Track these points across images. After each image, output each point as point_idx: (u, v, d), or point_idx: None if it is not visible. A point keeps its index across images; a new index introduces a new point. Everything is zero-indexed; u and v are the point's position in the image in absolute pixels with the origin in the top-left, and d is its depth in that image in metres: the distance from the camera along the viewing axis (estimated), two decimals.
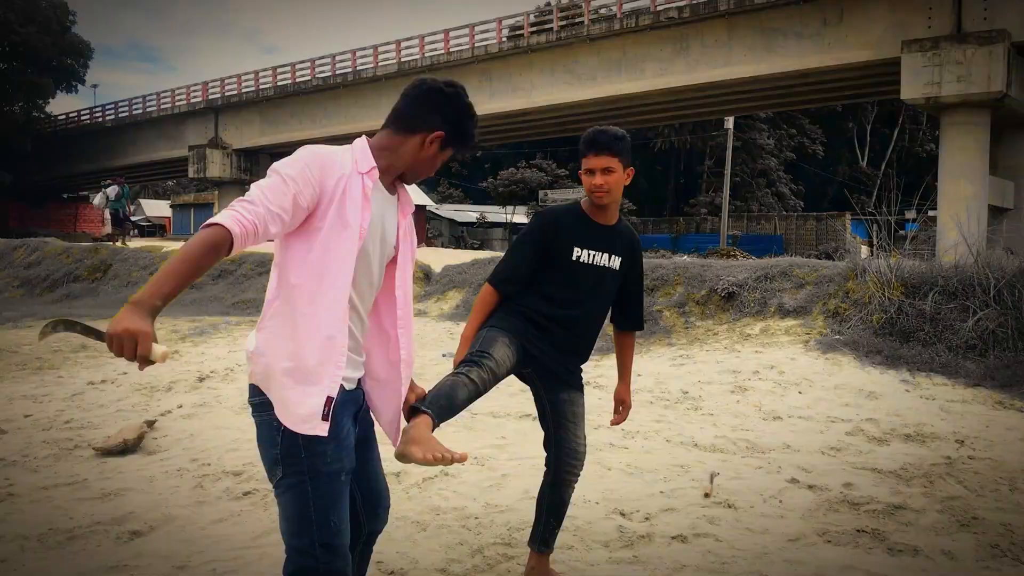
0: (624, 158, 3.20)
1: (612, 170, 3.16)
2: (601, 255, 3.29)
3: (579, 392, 3.41)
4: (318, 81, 39.50)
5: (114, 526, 4.31)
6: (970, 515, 4.37)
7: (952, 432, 6.09)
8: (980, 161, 22.71)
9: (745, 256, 21.65)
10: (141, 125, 49.34)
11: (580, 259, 3.26)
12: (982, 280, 8.51)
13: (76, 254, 20.31)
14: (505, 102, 33.21)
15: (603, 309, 3.44)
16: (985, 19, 22.26)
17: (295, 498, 2.35)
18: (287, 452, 2.34)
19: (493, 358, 3.07)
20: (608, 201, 3.24)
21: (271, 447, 2.38)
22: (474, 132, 2.60)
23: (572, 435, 3.37)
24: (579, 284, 3.28)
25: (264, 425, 2.39)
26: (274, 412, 2.34)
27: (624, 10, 30.42)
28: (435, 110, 2.48)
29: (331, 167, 2.32)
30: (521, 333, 3.22)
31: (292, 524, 2.37)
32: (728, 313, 9.94)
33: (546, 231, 3.29)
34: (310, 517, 2.35)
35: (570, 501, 3.51)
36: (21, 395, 7.76)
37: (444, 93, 2.50)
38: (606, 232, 3.32)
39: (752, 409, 6.86)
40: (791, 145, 56.13)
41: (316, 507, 2.35)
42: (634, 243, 3.44)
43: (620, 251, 3.35)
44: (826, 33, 25.44)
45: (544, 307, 3.26)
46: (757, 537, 4.12)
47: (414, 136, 2.48)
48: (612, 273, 3.34)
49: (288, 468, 2.35)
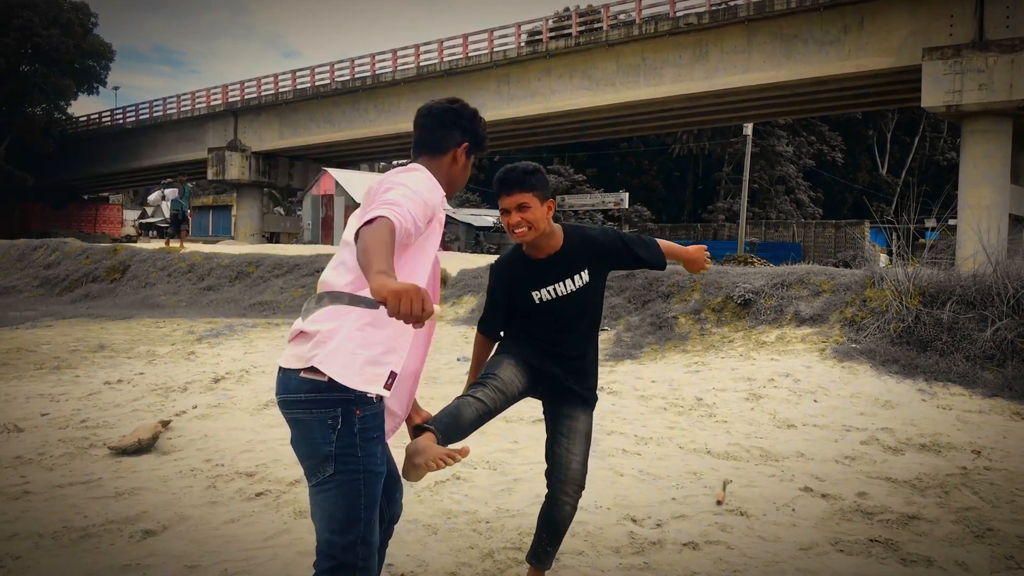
0: (539, 191, 3.10)
1: (527, 206, 3.06)
2: (561, 284, 3.22)
3: (582, 409, 3.34)
4: (337, 85, 39.70)
5: (127, 525, 4.34)
6: (985, 526, 4.33)
7: (968, 442, 6.04)
8: (1001, 170, 22.55)
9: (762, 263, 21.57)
10: (161, 127, 49.77)
11: (543, 299, 3.22)
12: (1001, 290, 8.43)
13: (95, 255, 20.47)
14: (523, 107, 33.27)
15: (594, 322, 3.37)
16: (1008, 27, 22.11)
17: (346, 495, 2.43)
18: (343, 450, 2.42)
19: (499, 377, 3.10)
20: (532, 237, 3.13)
21: (324, 444, 2.42)
22: (485, 132, 2.88)
23: (565, 449, 3.30)
24: (556, 319, 3.24)
25: (316, 422, 2.43)
26: (332, 410, 2.41)
27: (643, 16, 30.46)
28: (453, 126, 2.76)
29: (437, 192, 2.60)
30: (527, 356, 3.24)
31: (338, 521, 2.44)
32: (744, 320, 9.89)
33: (502, 283, 3.29)
34: (359, 515, 2.45)
35: (567, 524, 3.41)
36: (38, 394, 7.82)
37: (453, 110, 2.78)
38: (554, 261, 3.21)
39: (766, 417, 6.82)
40: (810, 152, 55.91)
41: (365, 505, 2.46)
42: (593, 242, 3.31)
43: (581, 265, 3.25)
44: (846, 40, 25.34)
45: (536, 345, 3.27)
46: (769, 545, 4.10)
47: (445, 156, 2.75)
48: (584, 289, 3.25)
49: (342, 465, 2.42)
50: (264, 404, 7.34)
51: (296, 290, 15.66)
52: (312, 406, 2.44)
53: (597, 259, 3.30)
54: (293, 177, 47.01)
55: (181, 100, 48.87)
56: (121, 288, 18.42)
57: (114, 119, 54.20)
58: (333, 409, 2.41)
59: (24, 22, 47.32)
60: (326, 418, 2.42)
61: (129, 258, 19.70)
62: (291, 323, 12.71)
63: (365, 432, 2.45)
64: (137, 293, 17.54)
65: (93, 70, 54.31)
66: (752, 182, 46.24)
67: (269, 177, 45.94)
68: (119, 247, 21.47)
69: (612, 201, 46.32)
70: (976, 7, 22.68)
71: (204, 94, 47.25)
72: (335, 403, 2.41)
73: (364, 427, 2.44)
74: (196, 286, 17.23)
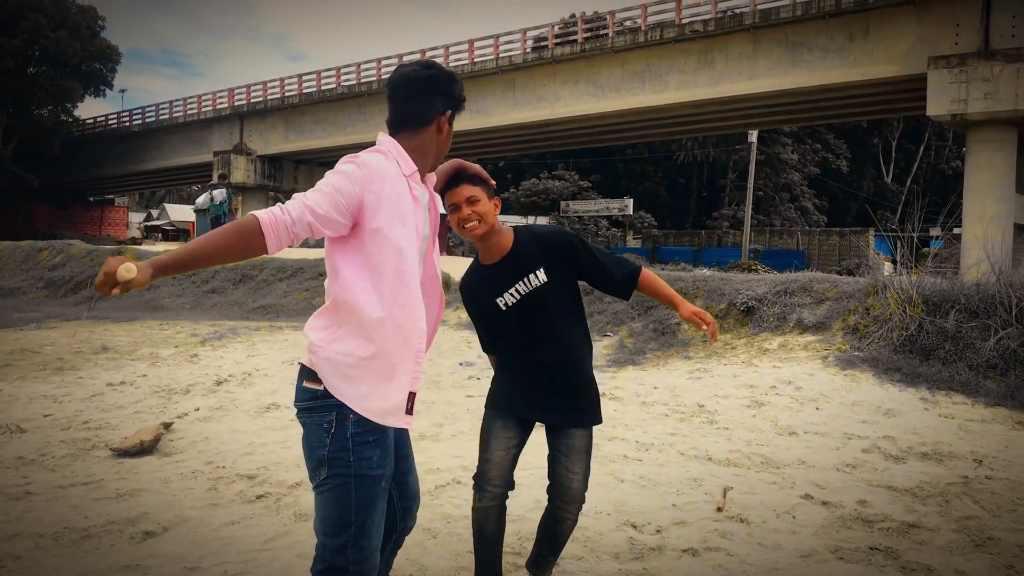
0: (486, 188, 3.06)
1: (476, 199, 3.01)
2: (521, 284, 3.17)
3: (579, 427, 3.31)
4: (343, 89, 39.79)
5: (128, 526, 4.35)
6: (986, 535, 4.32)
7: (970, 451, 6.03)
8: (1007, 179, 22.51)
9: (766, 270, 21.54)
10: (167, 130, 49.92)
11: (508, 304, 3.19)
12: (1004, 299, 8.42)
13: (100, 257, 20.52)
14: (528, 112, 33.30)
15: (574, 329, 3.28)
16: (1013, 36, 22.09)
17: (337, 498, 2.44)
18: (335, 454, 2.43)
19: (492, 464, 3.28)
20: (483, 231, 3.06)
21: (319, 448, 2.44)
22: (463, 93, 2.70)
23: (565, 468, 3.31)
24: (527, 321, 3.21)
25: (313, 426, 2.46)
26: (327, 415, 2.42)
27: (649, 23, 30.48)
28: (433, 94, 2.58)
29: (377, 174, 2.42)
30: (513, 403, 3.30)
31: (330, 523, 2.45)
32: (747, 327, 9.89)
33: (470, 299, 3.29)
34: (349, 518, 2.44)
35: (568, 536, 3.45)
36: (41, 395, 7.84)
37: (432, 76, 2.59)
38: (508, 262, 3.18)
39: (768, 424, 6.81)
40: (815, 160, 55.89)
41: (356, 508, 2.44)
42: (544, 240, 3.23)
43: (535, 264, 3.18)
44: (852, 48, 25.35)
45: (520, 359, 3.28)
46: (769, 552, 4.09)
47: (430, 127, 2.59)
48: (546, 286, 3.18)
49: (335, 469, 2.43)
50: (266, 407, 7.35)
51: (300, 293, 15.68)
52: (311, 412, 2.48)
53: (550, 258, 3.20)
54: (298, 181, 47.08)
55: (187, 103, 49.05)
56: None
57: (120, 121, 54.39)
58: (328, 413, 2.44)
59: (32, 24, 47.49)
60: (322, 422, 2.44)
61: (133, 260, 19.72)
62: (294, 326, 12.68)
63: (359, 436, 2.44)
64: (141, 295, 17.57)
65: (100, 73, 54.47)
66: (757, 189, 46.23)
67: (274, 180, 46.02)
68: (124, 249, 21.51)
69: (616, 207, 46.38)
70: (982, 16, 22.67)
71: (210, 97, 47.40)
72: (330, 408, 2.44)
73: (358, 431, 2.44)
74: (200, 289, 17.26)
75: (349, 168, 2.40)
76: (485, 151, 45.41)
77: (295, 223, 2.32)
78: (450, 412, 7.00)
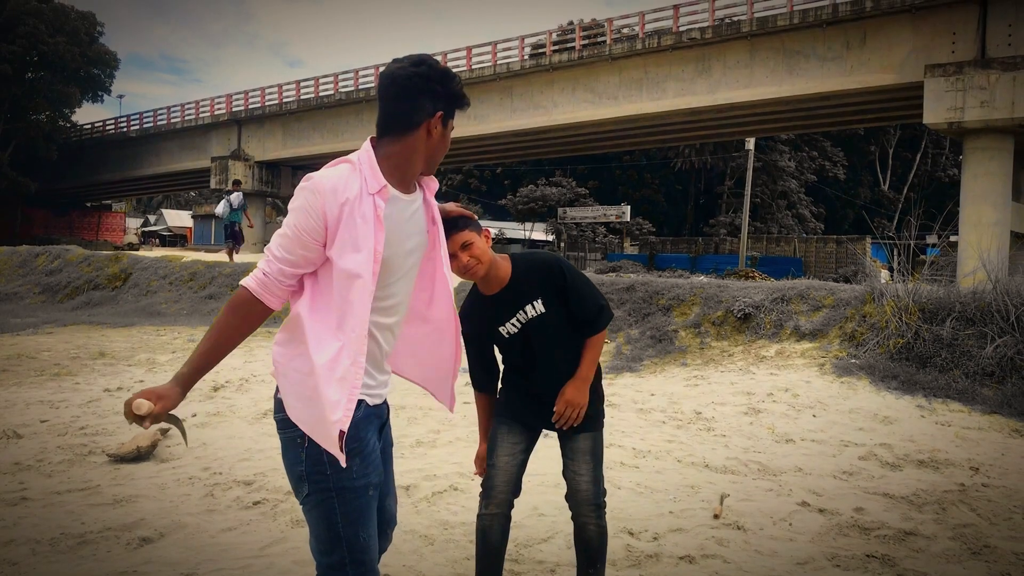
0: (473, 227, 3.06)
1: (470, 243, 3.01)
2: (522, 314, 3.21)
3: (583, 429, 3.31)
4: (341, 96, 39.83)
5: (124, 532, 4.34)
6: (982, 543, 4.33)
7: (967, 459, 6.04)
8: (1003, 187, 22.57)
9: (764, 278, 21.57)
10: (165, 136, 49.93)
11: (510, 332, 3.23)
12: (1000, 307, 8.44)
13: (97, 262, 20.49)
14: (526, 119, 33.35)
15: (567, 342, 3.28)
16: (1010, 45, 22.17)
17: (323, 515, 2.35)
18: (312, 469, 2.33)
19: (497, 468, 3.28)
20: (484, 270, 3.10)
21: (296, 464, 2.37)
22: (462, 89, 2.50)
23: (572, 472, 3.31)
24: (528, 346, 3.24)
25: (288, 442, 2.38)
26: (298, 429, 2.33)
27: (646, 30, 30.57)
28: (422, 95, 2.38)
29: (332, 197, 2.27)
30: (517, 411, 3.33)
31: (322, 542, 2.37)
32: (744, 334, 9.90)
33: (472, 327, 3.26)
34: (339, 534, 2.34)
35: (599, 544, 3.36)
36: (38, 400, 7.83)
37: (419, 75, 2.38)
38: (508, 293, 3.21)
39: (765, 431, 6.82)
40: (812, 167, 56.01)
41: (344, 523, 2.34)
42: (540, 271, 3.24)
43: (534, 293, 3.21)
44: (849, 56, 25.43)
45: (520, 377, 3.32)
46: (766, 560, 4.10)
47: (417, 131, 2.39)
48: (544, 315, 3.22)
49: (314, 485, 2.34)
50: (263, 413, 7.34)
51: None
52: (283, 426, 2.39)
53: (546, 287, 3.22)
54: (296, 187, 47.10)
55: (185, 109, 49.05)
56: (122, 296, 18.44)
57: (118, 127, 54.38)
58: (298, 428, 2.34)
59: (30, 29, 47.53)
60: (295, 437, 2.35)
61: (131, 266, 19.73)
62: None
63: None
64: (138, 301, 17.55)
65: (98, 78, 54.53)
66: (754, 196, 46.30)
67: (272, 187, 46.03)
68: (121, 255, 21.49)
69: (614, 214, 46.40)
70: (978, 25, 22.76)
71: (208, 103, 47.44)
72: None
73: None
74: (198, 295, 17.24)
75: (302, 200, 2.30)
76: (482, 157, 45.49)
77: (276, 277, 2.32)
78: (447, 418, 6.99)
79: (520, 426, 3.33)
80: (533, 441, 3.39)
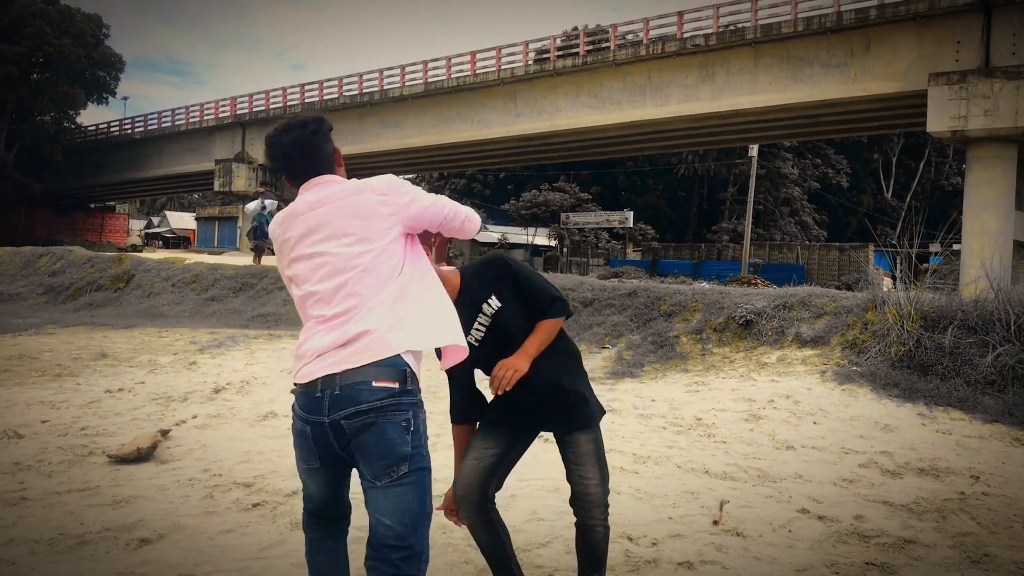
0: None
1: None
2: (482, 316, 3.21)
3: (581, 431, 3.30)
4: (345, 99, 39.89)
5: (123, 533, 4.34)
6: (982, 552, 4.32)
7: (967, 467, 6.02)
8: (1006, 196, 22.57)
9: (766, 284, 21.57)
10: (169, 138, 50.03)
11: (478, 339, 3.21)
12: (1002, 316, 8.43)
13: (100, 264, 20.52)
14: (530, 124, 33.39)
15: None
16: (1014, 54, 22.19)
17: (420, 492, 2.64)
18: (416, 450, 2.62)
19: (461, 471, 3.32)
20: None
21: (400, 445, 2.58)
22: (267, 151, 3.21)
23: (578, 476, 3.30)
24: (499, 348, 3.20)
25: (392, 425, 2.59)
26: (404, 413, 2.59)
27: (651, 36, 30.62)
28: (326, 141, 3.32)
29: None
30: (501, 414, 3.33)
31: (411, 515, 2.61)
32: (745, 341, 9.89)
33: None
34: (428, 508, 2.68)
35: (603, 546, 3.37)
36: (39, 401, 7.84)
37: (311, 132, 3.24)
38: (462, 299, 3.17)
39: (765, 438, 6.81)
40: (815, 175, 56.02)
41: (430, 499, 2.69)
42: (485, 270, 3.28)
43: (486, 292, 3.22)
44: (853, 64, 25.45)
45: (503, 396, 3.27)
46: (765, 566, 4.09)
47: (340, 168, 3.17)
48: (502, 310, 3.21)
49: (415, 463, 2.61)
50: (264, 415, 7.34)
51: None
52: (391, 410, 2.59)
53: (497, 283, 3.23)
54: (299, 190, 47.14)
55: (189, 111, 49.17)
56: (125, 297, 18.45)
57: (122, 129, 54.53)
58: (406, 412, 2.61)
59: (36, 31, 47.68)
60: (400, 420, 2.60)
61: (134, 268, 19.74)
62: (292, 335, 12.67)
63: (426, 433, 2.69)
64: (141, 303, 17.57)
65: (103, 80, 54.71)
66: (757, 203, 46.31)
67: (275, 189, 45.94)
68: (124, 256, 21.51)
69: (616, 219, 46.41)
70: (982, 33, 22.78)
71: (212, 106, 47.55)
72: (407, 406, 2.61)
73: (425, 428, 2.69)
74: (200, 297, 17.25)
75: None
76: (486, 162, 45.54)
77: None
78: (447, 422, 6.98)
79: (498, 431, 3.33)
80: (513, 445, 3.36)
